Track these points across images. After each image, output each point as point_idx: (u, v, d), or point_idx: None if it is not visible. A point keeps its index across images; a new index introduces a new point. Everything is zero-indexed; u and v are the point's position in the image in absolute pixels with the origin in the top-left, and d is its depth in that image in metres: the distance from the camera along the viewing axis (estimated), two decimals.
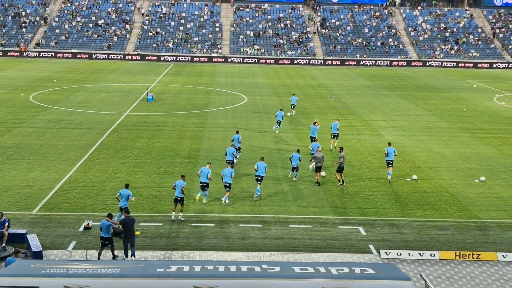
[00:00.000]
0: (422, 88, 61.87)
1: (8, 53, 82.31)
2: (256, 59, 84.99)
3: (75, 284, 12.82)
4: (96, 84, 58.02)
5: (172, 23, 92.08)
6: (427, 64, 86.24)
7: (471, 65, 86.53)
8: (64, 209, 22.88)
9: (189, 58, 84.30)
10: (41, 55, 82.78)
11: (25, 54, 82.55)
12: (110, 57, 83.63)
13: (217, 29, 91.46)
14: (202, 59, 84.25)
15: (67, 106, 44.76)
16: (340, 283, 13.09)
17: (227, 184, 24.14)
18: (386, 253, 19.59)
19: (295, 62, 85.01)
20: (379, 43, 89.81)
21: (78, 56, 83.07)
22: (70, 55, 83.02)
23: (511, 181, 28.50)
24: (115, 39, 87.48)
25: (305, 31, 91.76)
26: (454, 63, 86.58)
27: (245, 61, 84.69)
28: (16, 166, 28.43)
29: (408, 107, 49.27)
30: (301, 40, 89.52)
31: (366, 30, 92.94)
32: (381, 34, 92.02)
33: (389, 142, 30.15)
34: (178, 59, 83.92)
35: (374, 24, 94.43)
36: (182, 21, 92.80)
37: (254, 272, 13.40)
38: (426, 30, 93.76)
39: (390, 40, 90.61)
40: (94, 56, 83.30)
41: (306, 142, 34.44)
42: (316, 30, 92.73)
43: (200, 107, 46.42)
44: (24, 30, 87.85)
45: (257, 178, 25.12)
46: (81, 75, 64.43)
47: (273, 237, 20.87)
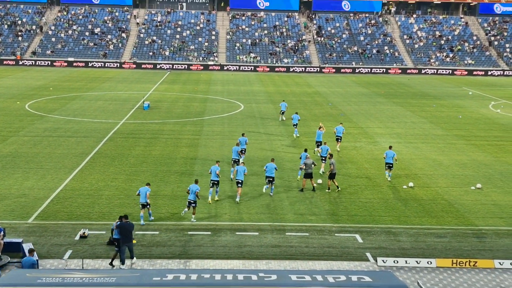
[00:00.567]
0: (418, 96, 62.06)
1: (4, 62, 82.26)
2: (252, 67, 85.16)
3: None
4: (92, 92, 58.00)
5: (168, 31, 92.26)
6: (423, 71, 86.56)
7: (466, 72, 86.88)
8: (60, 218, 22.79)
9: (185, 66, 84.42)
10: (37, 63, 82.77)
11: (21, 63, 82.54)
12: (106, 66, 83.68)
13: (213, 37, 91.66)
14: (198, 67, 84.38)
15: (63, 115, 44.71)
16: None
17: (240, 181, 25.31)
18: (383, 260, 19.55)
19: (291, 70, 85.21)
20: (374, 51, 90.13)
21: (74, 64, 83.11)
22: (66, 64, 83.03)
23: (507, 188, 28.55)
24: (111, 47, 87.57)
25: (301, 39, 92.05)
26: (450, 71, 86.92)
27: (241, 69, 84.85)
28: (11, 175, 28.34)
29: (404, 115, 49.38)
30: (297, 48, 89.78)
31: (362, 38, 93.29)
32: (376, 42, 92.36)
33: (390, 146, 31.31)
34: (174, 67, 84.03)
35: (369, 32, 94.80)
36: (178, 29, 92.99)
37: (250, 281, 13.36)
38: (422, 38, 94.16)
39: (386, 47, 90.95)
40: (90, 65, 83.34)
41: (301, 149, 34.44)
42: (312, 38, 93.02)
43: (197, 115, 46.43)
44: (20, 38, 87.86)
45: (269, 180, 26.21)
46: (77, 84, 64.40)
47: (270, 245, 20.82)
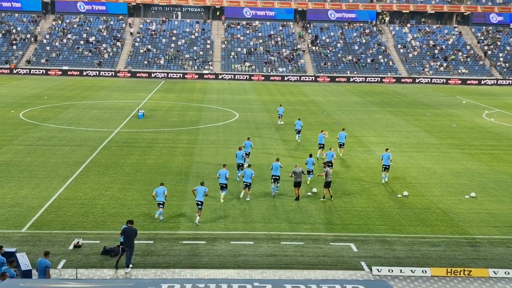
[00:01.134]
0: (412, 105, 62.29)
1: None
2: (247, 76, 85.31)
3: None
4: (87, 101, 57.94)
5: (163, 40, 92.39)
6: (417, 80, 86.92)
7: (460, 81, 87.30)
8: (54, 227, 22.69)
9: (180, 75, 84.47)
10: (31, 72, 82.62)
11: (15, 71, 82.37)
12: (101, 74, 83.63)
13: (208, 46, 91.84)
14: (193, 76, 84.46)
15: (58, 123, 44.62)
16: None
17: (248, 183, 26.60)
18: (378, 269, 19.55)
19: (286, 78, 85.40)
20: (369, 60, 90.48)
21: (69, 73, 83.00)
22: (60, 72, 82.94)
23: (501, 197, 28.64)
24: (106, 56, 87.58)
25: (295, 48, 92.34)
26: (444, 80, 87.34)
27: (236, 77, 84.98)
28: (5, 184, 28.22)
29: (399, 123, 49.54)
30: (292, 57, 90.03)
31: (356, 47, 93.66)
32: (371, 51, 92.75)
33: (386, 148, 32.28)
34: (169, 76, 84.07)
35: (364, 41, 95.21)
36: (173, 38, 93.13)
37: None
38: (416, 47, 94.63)
39: (380, 57, 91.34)
40: (85, 73, 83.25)
41: (295, 158, 34.52)
42: (307, 47, 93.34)
43: (191, 124, 46.43)
44: (14, 47, 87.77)
45: (275, 178, 27.50)
46: (71, 92, 64.33)
47: (265, 254, 20.79)
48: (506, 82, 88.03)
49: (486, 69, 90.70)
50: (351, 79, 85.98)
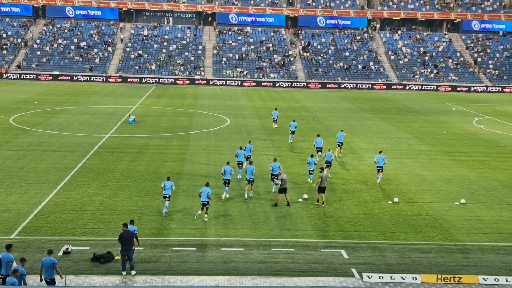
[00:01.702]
0: (402, 111, 62.56)
1: None
2: (239, 82, 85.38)
3: None
4: (77, 106, 57.72)
5: (155, 46, 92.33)
6: (407, 87, 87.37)
7: (450, 88, 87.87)
8: (43, 234, 22.54)
9: (172, 80, 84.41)
10: (22, 77, 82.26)
11: (5, 76, 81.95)
12: (92, 79, 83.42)
13: (199, 51, 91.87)
14: (184, 82, 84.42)
15: (48, 129, 44.40)
16: None
17: (251, 179, 27.88)
18: (368, 276, 19.56)
19: (278, 84, 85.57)
20: (360, 67, 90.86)
21: (60, 78, 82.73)
22: (51, 77, 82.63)
23: (491, 204, 28.78)
24: (97, 61, 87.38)
25: (287, 54, 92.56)
26: (434, 87, 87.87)
27: (227, 83, 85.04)
28: None
29: (389, 130, 49.72)
30: (283, 63, 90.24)
31: (347, 54, 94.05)
32: (362, 58, 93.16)
33: (380, 151, 33.20)
34: (160, 81, 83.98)
35: (355, 47, 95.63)
36: (165, 43, 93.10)
37: None
38: (406, 54, 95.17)
39: (371, 63, 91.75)
40: (75, 78, 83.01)
41: (287, 165, 34.53)
42: (298, 53, 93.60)
43: (183, 129, 46.35)
44: (5, 52, 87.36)
45: (273, 178, 28.89)
46: (62, 97, 64.07)
47: (255, 261, 20.75)
48: (495, 89, 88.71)
49: (476, 76, 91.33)
50: (342, 85, 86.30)
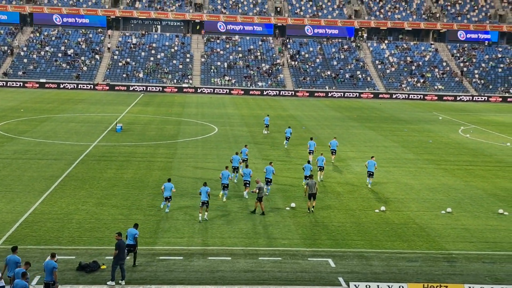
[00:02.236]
0: (389, 120, 62.93)
1: None
2: (227, 90, 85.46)
3: None
4: (64, 114, 57.41)
5: (143, 54, 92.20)
6: (394, 96, 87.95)
7: (436, 97, 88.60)
8: (29, 243, 22.31)
9: (160, 88, 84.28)
10: (8, 84, 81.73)
11: None
12: (79, 87, 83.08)
13: (187, 59, 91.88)
14: (172, 90, 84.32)
15: (34, 137, 44.09)
16: None
17: (247, 182, 29.11)
18: (355, 285, 19.54)
19: (265, 93, 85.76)
20: (347, 76, 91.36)
21: (46, 85, 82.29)
22: (38, 85, 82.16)
23: (476, 212, 28.97)
24: (85, 69, 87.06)
25: (275, 62, 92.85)
26: (420, 96, 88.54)
27: (215, 91, 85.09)
28: None
29: (376, 139, 49.96)
30: (271, 71, 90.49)
31: (335, 63, 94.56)
32: (349, 67, 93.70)
33: (371, 156, 34.19)
34: (148, 90, 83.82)
35: (342, 57, 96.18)
36: (153, 51, 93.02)
37: None
38: (393, 63, 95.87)
39: (358, 72, 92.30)
40: (62, 86, 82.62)
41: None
42: (286, 62, 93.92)
43: (170, 138, 46.24)
44: None
45: (267, 180, 29.85)
46: (48, 105, 63.71)
47: (242, 270, 20.69)
48: (481, 98, 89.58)
49: (461, 86, 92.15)
50: (330, 94, 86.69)
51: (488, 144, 49.29)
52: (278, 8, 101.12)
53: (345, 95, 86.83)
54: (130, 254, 20.56)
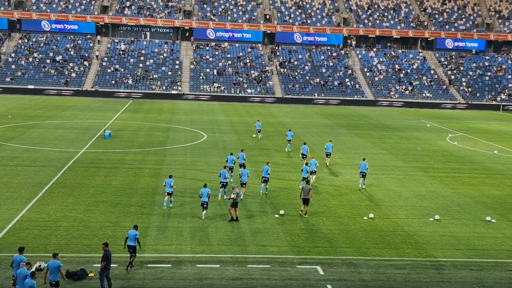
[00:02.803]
0: (378, 127, 63.21)
1: None
2: (216, 97, 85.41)
3: None
4: (52, 120, 57.09)
5: (132, 60, 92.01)
6: (383, 103, 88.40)
7: (424, 105, 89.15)
8: (15, 250, 22.06)
9: (148, 95, 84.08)
10: None
11: None
12: (67, 93, 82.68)
13: (177, 66, 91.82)
14: (161, 96, 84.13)
15: (22, 143, 43.79)
16: None
17: (243, 182, 30.34)
18: None
19: (255, 100, 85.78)
20: (336, 83, 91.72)
21: (35, 92, 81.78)
22: (26, 91, 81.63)
23: (464, 220, 29.13)
24: (73, 75, 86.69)
25: (264, 70, 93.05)
26: (409, 103, 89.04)
27: (204, 98, 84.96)
28: None
29: (365, 146, 50.14)
30: (260, 78, 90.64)
31: (324, 70, 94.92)
32: (338, 74, 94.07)
33: (363, 158, 35.86)
34: (137, 96, 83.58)
35: (331, 64, 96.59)
36: (142, 58, 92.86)
37: None
38: (381, 71, 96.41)
39: (347, 80, 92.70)
40: (51, 92, 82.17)
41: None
42: (275, 69, 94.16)
43: (159, 144, 46.12)
44: None
45: (264, 179, 31.59)
46: (36, 111, 63.34)
47: (231, 277, 20.64)
48: (468, 106, 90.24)
49: (449, 93, 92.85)
50: (319, 101, 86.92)
51: (475, 152, 49.65)
52: (268, 16, 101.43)
53: (334, 102, 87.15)
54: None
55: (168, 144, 46.53)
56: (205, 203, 26.66)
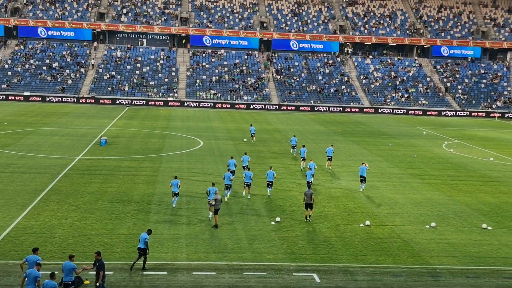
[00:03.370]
0: (374, 134, 63.30)
1: None
2: (212, 104, 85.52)
3: None
4: (48, 127, 56.99)
5: (128, 67, 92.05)
6: (379, 111, 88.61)
7: (420, 112, 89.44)
8: (11, 258, 22.02)
9: (145, 101, 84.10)
10: None
11: None
12: (63, 100, 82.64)
13: (173, 73, 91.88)
14: (157, 103, 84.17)
15: (17, 150, 43.68)
16: None
17: (248, 183, 31.88)
18: None
19: (251, 107, 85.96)
20: (332, 90, 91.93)
21: (31, 98, 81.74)
22: (22, 98, 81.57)
23: (460, 227, 29.15)
24: (70, 82, 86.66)
25: (260, 77, 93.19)
26: (405, 110, 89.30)
27: (201, 105, 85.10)
28: None
29: (361, 153, 50.19)
30: (257, 85, 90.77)
31: (320, 77, 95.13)
32: (334, 81, 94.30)
33: (362, 162, 36.81)
34: (133, 103, 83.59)
35: (327, 71, 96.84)
36: (138, 65, 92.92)
37: None
38: (378, 78, 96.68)
39: (343, 87, 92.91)
40: (47, 99, 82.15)
41: (257, 187, 34.57)
42: (272, 76, 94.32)
43: (155, 151, 46.07)
44: None
45: (268, 184, 32.63)
46: (32, 118, 63.23)
47: (227, 285, 20.57)
48: (464, 113, 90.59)
49: (445, 101, 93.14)
50: (315, 108, 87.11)
51: (471, 159, 49.75)
52: (264, 23, 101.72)
53: (330, 110, 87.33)
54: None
55: (164, 151, 46.48)
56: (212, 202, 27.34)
